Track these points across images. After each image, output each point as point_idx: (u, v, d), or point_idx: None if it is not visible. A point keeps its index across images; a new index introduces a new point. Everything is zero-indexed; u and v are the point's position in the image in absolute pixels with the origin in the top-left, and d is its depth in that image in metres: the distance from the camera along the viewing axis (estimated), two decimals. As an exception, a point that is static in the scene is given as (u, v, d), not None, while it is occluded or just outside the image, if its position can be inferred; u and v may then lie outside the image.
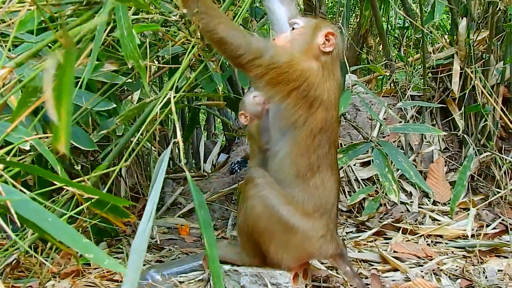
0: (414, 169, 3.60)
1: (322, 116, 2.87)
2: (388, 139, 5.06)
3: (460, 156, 5.12)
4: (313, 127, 2.85)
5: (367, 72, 7.47)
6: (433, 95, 5.30)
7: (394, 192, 3.57)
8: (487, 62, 4.99)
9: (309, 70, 2.81)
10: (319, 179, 2.93)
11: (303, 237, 2.89)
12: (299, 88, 2.77)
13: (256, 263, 3.01)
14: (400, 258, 3.55)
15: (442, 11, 4.79)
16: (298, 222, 2.87)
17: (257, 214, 2.87)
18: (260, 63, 2.68)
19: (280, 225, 2.86)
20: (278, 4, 3.22)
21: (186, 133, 5.68)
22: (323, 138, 2.91)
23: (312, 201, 2.91)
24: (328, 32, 2.91)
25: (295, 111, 2.82)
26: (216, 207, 4.75)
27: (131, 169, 4.76)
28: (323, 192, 2.93)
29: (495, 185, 4.74)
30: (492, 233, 4.06)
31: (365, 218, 4.38)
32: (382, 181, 3.58)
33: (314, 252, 2.96)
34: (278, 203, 2.85)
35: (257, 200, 2.86)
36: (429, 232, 4.08)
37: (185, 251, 3.87)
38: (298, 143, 2.86)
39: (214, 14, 2.56)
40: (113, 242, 3.90)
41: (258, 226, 2.88)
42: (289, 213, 2.86)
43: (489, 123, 4.87)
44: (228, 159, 5.98)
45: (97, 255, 1.37)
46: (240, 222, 3.00)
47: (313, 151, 2.88)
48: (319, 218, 2.93)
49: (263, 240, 2.90)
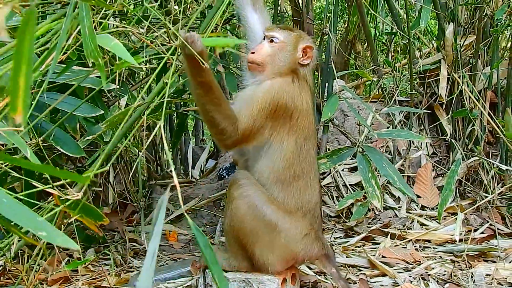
0: (398, 175, 3.62)
1: (304, 124, 2.95)
2: (376, 144, 5.08)
3: (448, 161, 5.16)
4: (296, 137, 2.92)
5: (355, 78, 7.49)
6: (421, 100, 5.33)
7: (377, 198, 3.60)
8: (474, 67, 5.04)
9: (283, 90, 2.91)
10: (303, 182, 2.97)
11: (287, 236, 2.92)
12: (275, 112, 2.88)
13: (244, 267, 3.02)
14: (388, 263, 3.57)
15: (428, 17, 4.83)
16: (281, 220, 2.90)
17: (241, 214, 2.89)
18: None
19: (264, 225, 2.89)
20: (251, 11, 3.26)
21: (174, 139, 5.67)
22: (309, 146, 2.99)
23: (293, 200, 2.95)
24: (307, 46, 3.03)
25: (275, 129, 2.90)
26: (204, 213, 4.75)
27: (119, 175, 4.75)
28: (305, 192, 2.97)
29: (483, 190, 4.78)
30: (480, 238, 4.08)
31: (353, 224, 4.40)
32: (366, 186, 3.62)
33: (298, 252, 2.98)
34: (262, 202, 2.89)
35: (242, 201, 2.89)
36: (417, 237, 4.10)
37: (173, 257, 3.88)
38: (282, 158, 2.93)
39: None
40: (101, 249, 3.89)
41: (243, 227, 2.91)
42: (272, 212, 2.89)
43: (476, 128, 4.91)
44: (216, 165, 5.97)
45: (50, 233, 1.36)
46: (226, 225, 3.02)
47: (299, 161, 2.95)
48: (302, 217, 2.96)
49: (248, 241, 2.92)
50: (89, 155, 3.70)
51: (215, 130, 2.79)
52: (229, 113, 2.78)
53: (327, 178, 4.86)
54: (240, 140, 2.85)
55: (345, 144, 5.06)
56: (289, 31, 3.07)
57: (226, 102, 2.78)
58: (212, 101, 2.70)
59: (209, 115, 2.74)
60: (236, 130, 2.80)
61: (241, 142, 2.87)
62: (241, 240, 2.94)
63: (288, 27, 3.16)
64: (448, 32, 4.96)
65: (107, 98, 4.04)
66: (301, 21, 5.03)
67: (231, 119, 2.78)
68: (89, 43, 2.14)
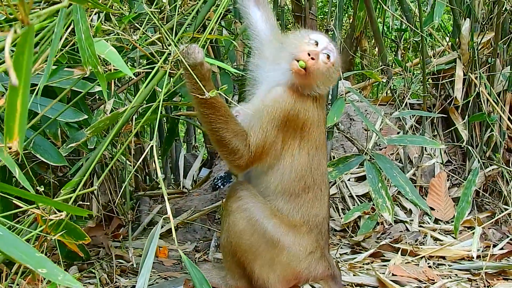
0: (410, 185, 3.62)
1: (315, 135, 2.96)
2: (385, 151, 5.07)
3: (464, 169, 5.14)
4: (308, 148, 2.94)
5: (361, 78, 7.50)
6: (434, 104, 5.31)
7: (388, 210, 3.59)
8: (492, 67, 5.02)
9: (294, 99, 2.92)
10: (312, 194, 2.98)
11: (289, 253, 2.91)
12: (286, 123, 2.92)
13: (242, 287, 3.01)
14: (399, 282, 3.55)
15: (442, 11, 4.82)
16: (284, 236, 2.89)
17: (240, 229, 2.88)
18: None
19: (265, 241, 2.88)
20: (254, 8, 3.25)
21: (164, 146, 5.66)
22: (320, 157, 3.00)
23: (299, 213, 2.94)
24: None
25: (286, 142, 2.91)
26: (197, 227, 4.74)
27: (104, 185, 4.73)
28: (313, 205, 2.97)
29: (502, 201, 4.77)
30: (499, 254, 4.07)
31: (360, 238, 4.39)
32: (375, 198, 3.61)
33: (302, 272, 2.97)
34: (263, 216, 2.88)
35: (240, 215, 2.88)
36: (431, 253, 4.09)
37: (163, 275, 3.86)
38: (293, 169, 2.94)
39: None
40: (85, 266, 3.87)
41: (242, 243, 2.90)
42: (274, 227, 2.88)
43: (495, 134, 4.89)
44: (210, 174, 5.96)
45: (51, 270, 1.35)
46: (223, 241, 3.01)
47: (310, 173, 2.96)
48: (307, 233, 2.95)
49: (247, 258, 2.91)
50: (71, 164, 3.68)
51: (226, 150, 2.79)
52: (239, 129, 2.79)
53: (332, 189, 4.84)
54: (253, 159, 2.86)
55: (352, 152, 5.06)
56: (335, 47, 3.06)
57: (234, 118, 2.79)
58: (218, 119, 2.70)
59: (217, 134, 2.75)
60: (248, 148, 2.81)
61: (255, 160, 2.88)
62: (239, 257, 2.93)
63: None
64: (464, 29, 4.95)
65: (90, 102, 4.03)
66: (303, 16, 5.03)
67: (241, 136, 2.79)
68: (86, 48, 2.13)
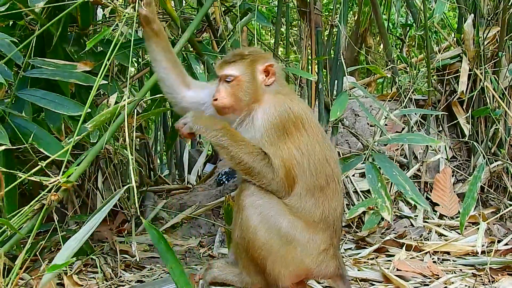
0: (411, 184, 3.62)
1: (313, 128, 2.98)
2: (390, 147, 5.06)
3: (469, 165, 5.13)
4: (317, 140, 2.96)
5: (366, 74, 7.50)
6: (439, 99, 5.30)
7: (387, 209, 3.59)
8: (498, 63, 5.00)
9: (281, 107, 2.96)
10: (329, 190, 2.98)
11: (303, 249, 2.90)
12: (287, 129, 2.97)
13: (258, 283, 3.00)
14: (404, 277, 3.54)
15: (443, 6, 4.80)
16: (299, 233, 2.88)
17: (253, 225, 2.86)
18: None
19: (279, 238, 2.86)
20: (185, 90, 3.30)
21: (168, 141, 5.65)
22: (328, 143, 3.04)
23: (321, 208, 2.93)
24: (265, 67, 3.06)
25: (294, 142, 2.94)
26: (202, 222, 4.74)
27: (108, 180, 4.72)
28: (332, 199, 2.97)
29: (507, 197, 4.76)
30: (504, 250, 4.06)
31: (365, 234, 4.38)
32: (375, 197, 3.61)
33: (313, 269, 2.96)
34: (277, 213, 2.86)
35: (254, 210, 2.86)
36: (435, 248, 4.08)
37: (167, 270, 3.85)
38: (311, 165, 2.95)
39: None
40: (89, 261, 3.87)
41: (256, 239, 2.87)
42: (289, 223, 2.87)
43: (500, 129, 4.88)
44: (215, 169, 5.96)
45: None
46: (237, 237, 2.97)
47: (328, 165, 2.98)
48: (323, 230, 2.94)
49: (261, 254, 2.89)
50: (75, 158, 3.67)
51: (256, 177, 2.88)
52: (256, 150, 2.85)
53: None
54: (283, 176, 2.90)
55: (356, 147, 5.05)
56: (240, 60, 3.07)
57: (249, 142, 2.87)
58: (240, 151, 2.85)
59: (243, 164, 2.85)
60: (271, 165, 2.86)
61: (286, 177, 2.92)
62: (252, 253, 2.90)
63: (237, 54, 3.14)
64: (466, 24, 4.93)
65: (94, 96, 4.02)
66: (307, 12, 5.01)
67: (260, 155, 2.86)
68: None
